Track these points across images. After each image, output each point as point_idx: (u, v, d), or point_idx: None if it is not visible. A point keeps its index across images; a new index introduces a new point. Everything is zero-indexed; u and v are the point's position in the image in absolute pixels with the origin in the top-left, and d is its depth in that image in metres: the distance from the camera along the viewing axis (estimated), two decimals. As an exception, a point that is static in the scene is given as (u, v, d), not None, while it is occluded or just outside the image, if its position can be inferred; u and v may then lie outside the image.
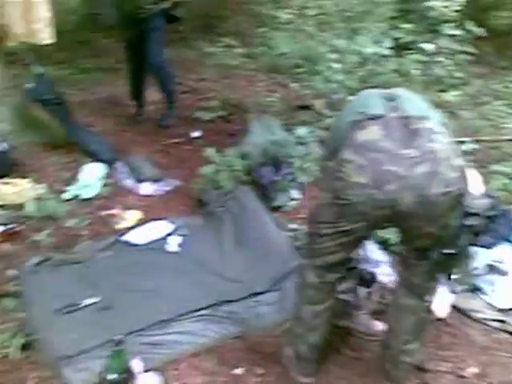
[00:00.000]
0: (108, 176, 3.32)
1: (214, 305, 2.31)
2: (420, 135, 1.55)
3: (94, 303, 2.28)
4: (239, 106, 4.47)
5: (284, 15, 5.92)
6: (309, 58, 5.25)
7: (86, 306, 2.26)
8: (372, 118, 1.59)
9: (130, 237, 2.76)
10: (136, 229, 2.83)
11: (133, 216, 2.96)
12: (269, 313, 2.31)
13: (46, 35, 3.12)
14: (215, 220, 2.93)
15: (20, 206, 2.90)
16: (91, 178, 3.21)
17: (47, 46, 3.47)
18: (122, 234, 2.79)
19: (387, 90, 1.75)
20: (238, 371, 2.03)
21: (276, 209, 3.04)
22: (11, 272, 2.47)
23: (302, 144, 3.37)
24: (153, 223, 2.88)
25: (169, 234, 2.80)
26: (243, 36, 6.39)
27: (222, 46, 5.99)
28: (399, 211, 1.55)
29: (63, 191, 3.11)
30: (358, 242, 1.78)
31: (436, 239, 1.66)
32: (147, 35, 3.73)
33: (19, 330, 2.12)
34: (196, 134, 3.96)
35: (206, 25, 6.58)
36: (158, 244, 2.73)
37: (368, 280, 2.33)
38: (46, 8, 3.10)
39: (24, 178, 3.12)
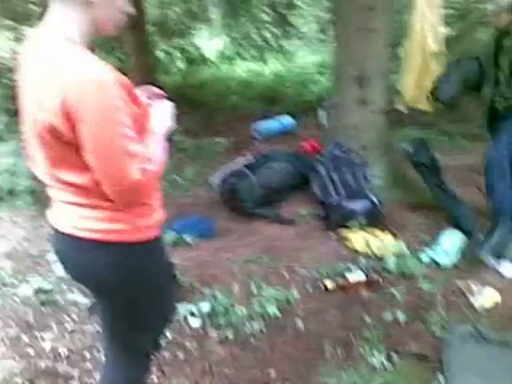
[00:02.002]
0: (467, 246, 3.23)
1: None
2: None
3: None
4: None
5: None
6: None
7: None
8: None
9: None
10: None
11: (491, 295, 2.78)
12: None
13: (429, 103, 3.30)
14: None
15: (380, 258, 3.10)
16: (450, 245, 3.18)
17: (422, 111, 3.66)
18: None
19: None
20: None
21: None
22: (367, 318, 2.63)
23: None
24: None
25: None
26: None
27: None
28: None
29: (421, 251, 3.17)
30: None
31: None
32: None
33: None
34: None
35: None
36: None
37: None
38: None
39: (389, 232, 3.33)
